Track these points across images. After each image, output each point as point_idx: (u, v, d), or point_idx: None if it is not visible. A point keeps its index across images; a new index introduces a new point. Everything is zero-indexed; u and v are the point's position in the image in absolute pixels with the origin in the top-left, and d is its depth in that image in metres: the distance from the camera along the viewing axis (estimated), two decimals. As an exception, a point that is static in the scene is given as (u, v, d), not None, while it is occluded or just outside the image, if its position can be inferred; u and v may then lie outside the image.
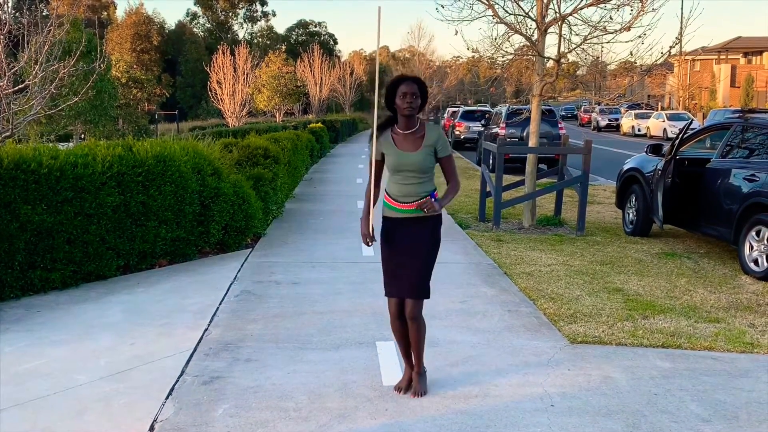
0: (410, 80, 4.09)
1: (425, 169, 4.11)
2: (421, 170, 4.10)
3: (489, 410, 4.06)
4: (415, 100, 4.05)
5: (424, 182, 4.13)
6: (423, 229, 4.16)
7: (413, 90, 4.04)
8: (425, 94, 4.12)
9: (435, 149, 4.13)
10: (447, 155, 4.19)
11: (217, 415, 3.95)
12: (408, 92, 4.04)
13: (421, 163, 4.09)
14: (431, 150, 4.12)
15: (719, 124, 9.26)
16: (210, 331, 5.43)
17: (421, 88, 4.09)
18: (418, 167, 4.09)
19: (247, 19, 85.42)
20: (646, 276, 7.44)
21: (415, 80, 4.11)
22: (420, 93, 4.07)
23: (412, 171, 4.10)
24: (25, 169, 6.25)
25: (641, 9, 9.37)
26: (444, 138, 4.20)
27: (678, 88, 50.43)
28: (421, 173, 4.11)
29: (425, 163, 4.10)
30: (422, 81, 4.17)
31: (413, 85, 4.06)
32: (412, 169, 4.10)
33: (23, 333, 5.38)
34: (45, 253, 6.43)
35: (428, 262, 4.18)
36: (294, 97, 41.72)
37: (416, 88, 4.06)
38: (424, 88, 4.13)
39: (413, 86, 4.05)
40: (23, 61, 10.36)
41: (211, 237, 8.10)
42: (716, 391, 4.42)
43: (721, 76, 52.81)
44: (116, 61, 32.42)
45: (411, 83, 4.07)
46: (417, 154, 4.10)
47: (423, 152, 4.10)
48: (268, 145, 11.52)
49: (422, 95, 4.09)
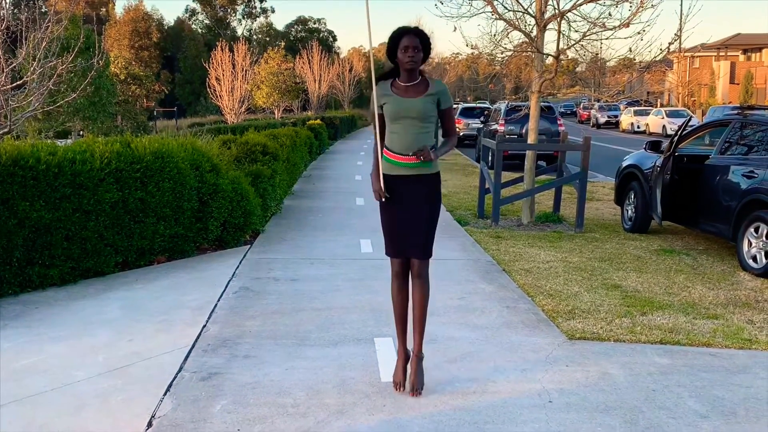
0: (412, 33, 4.02)
1: (426, 116, 4.04)
2: (421, 117, 4.03)
3: (487, 406, 4.06)
4: (416, 54, 4.00)
5: (427, 132, 4.06)
6: (423, 188, 4.11)
7: (415, 43, 3.99)
8: (428, 47, 4.06)
9: (438, 99, 4.07)
10: (449, 106, 4.14)
11: (215, 411, 3.95)
12: (410, 45, 3.99)
13: (422, 109, 4.02)
14: (434, 99, 4.05)
15: (718, 121, 9.26)
16: (208, 328, 5.43)
17: (423, 41, 4.02)
18: (419, 113, 4.02)
19: (246, 15, 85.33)
20: (645, 272, 7.44)
21: (417, 33, 4.04)
22: (422, 46, 4.01)
23: (412, 118, 4.03)
24: (23, 166, 6.24)
25: (640, 5, 9.36)
26: (447, 91, 4.16)
27: (677, 84, 50.39)
28: (421, 121, 4.03)
29: (426, 111, 4.03)
30: (424, 33, 4.09)
31: (415, 38, 4.00)
32: (413, 116, 4.03)
33: (21, 329, 5.37)
34: (43, 249, 6.43)
35: (431, 221, 4.15)
36: (293, 94, 41.71)
37: (418, 41, 4.00)
38: (427, 41, 4.06)
39: (415, 39, 3.99)
40: (21, 57, 10.34)
41: (210, 233, 8.09)
42: (714, 387, 4.42)
43: (720, 72, 52.81)
44: (115, 58, 32.43)
45: (413, 36, 4.00)
46: (418, 101, 4.03)
47: (425, 99, 4.04)
48: (266, 141, 11.52)
49: (424, 49, 4.03)
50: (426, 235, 4.15)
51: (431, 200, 4.16)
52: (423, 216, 4.12)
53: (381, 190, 4.16)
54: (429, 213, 4.15)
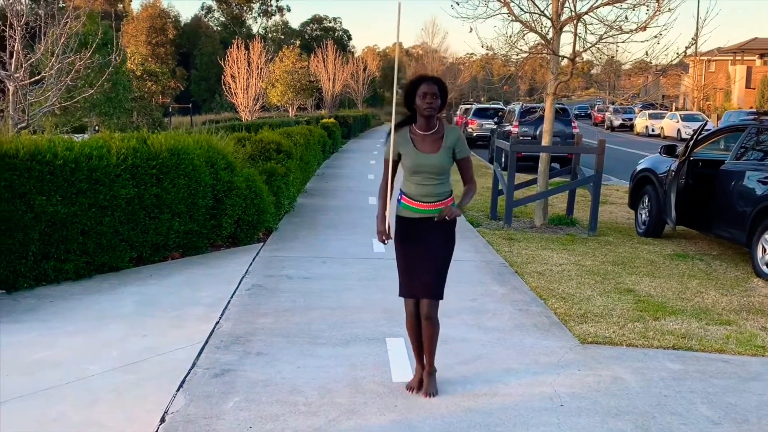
0: (431, 80, 4.05)
1: (444, 170, 4.11)
2: (439, 172, 4.09)
3: (498, 409, 4.06)
4: (435, 101, 4.01)
5: (442, 183, 4.13)
6: (438, 230, 4.13)
7: (434, 90, 4.00)
8: (445, 94, 4.08)
9: (454, 150, 4.11)
10: (465, 156, 4.17)
11: (228, 408, 3.97)
12: (429, 92, 4.00)
13: (440, 165, 4.07)
14: (450, 151, 4.10)
15: (734, 126, 9.22)
16: (221, 324, 5.46)
17: (441, 88, 4.05)
18: (437, 169, 4.08)
19: (262, 13, 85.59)
20: (658, 277, 7.41)
21: (436, 81, 4.07)
22: (440, 93, 4.03)
23: (431, 173, 4.08)
24: (40, 161, 6.29)
25: (657, 9, 9.33)
26: (463, 139, 4.19)
27: (693, 88, 50.14)
28: (439, 175, 4.10)
29: (444, 165, 4.09)
30: (442, 81, 4.13)
31: (434, 85, 4.02)
32: (431, 171, 4.08)
33: (36, 323, 5.42)
34: (59, 243, 6.48)
35: (444, 263, 4.17)
36: (307, 93, 41.79)
37: (437, 88, 4.02)
38: (445, 89, 4.09)
39: (434, 87, 4.01)
40: (40, 52, 10.42)
41: (224, 230, 8.13)
42: (726, 393, 4.40)
43: (736, 77, 52.45)
44: (131, 54, 32.60)
45: (431, 83, 4.02)
46: (436, 157, 4.07)
47: (442, 154, 4.08)
48: (281, 139, 11.55)
49: (442, 96, 4.05)
50: (439, 276, 4.15)
51: (447, 242, 4.18)
52: (437, 257, 4.14)
53: (385, 232, 4.21)
54: (443, 255, 4.16)
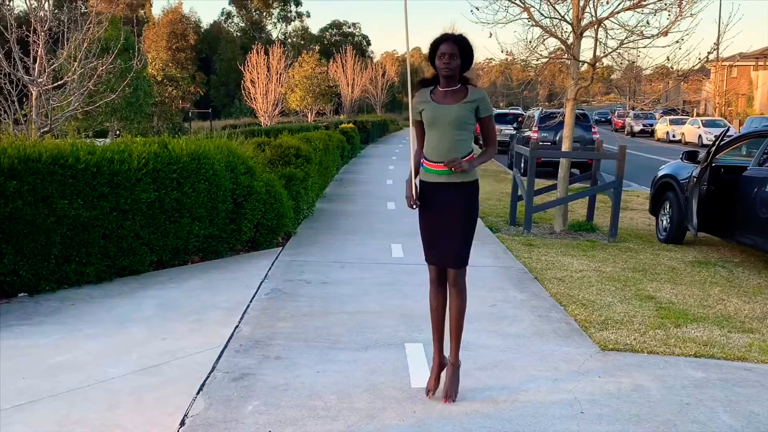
0: (450, 40, 3.96)
1: (462, 124, 3.97)
2: (457, 125, 3.96)
3: (518, 416, 4.04)
4: (452, 61, 3.94)
5: (461, 141, 3.98)
6: (457, 197, 4.05)
7: (452, 50, 3.93)
8: (468, 54, 3.97)
9: (477, 107, 3.98)
10: (488, 115, 4.04)
11: (247, 412, 3.98)
12: (446, 52, 3.94)
13: (457, 115, 3.95)
14: (472, 107, 3.97)
15: (756, 132, 9.13)
16: (240, 328, 5.47)
17: (462, 48, 3.95)
18: (455, 121, 3.95)
19: (282, 19, 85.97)
20: (679, 284, 7.35)
21: (456, 40, 3.97)
22: (461, 53, 3.94)
23: (448, 125, 3.97)
24: (62, 164, 6.35)
25: (679, 14, 9.26)
26: (488, 100, 4.05)
27: (714, 94, 49.74)
28: (457, 129, 3.97)
29: (462, 117, 3.96)
30: (465, 40, 4.00)
31: (453, 45, 3.94)
32: (449, 122, 3.97)
33: (57, 325, 5.47)
34: (80, 247, 6.53)
35: (465, 230, 4.09)
36: (326, 98, 41.93)
37: (456, 48, 3.93)
38: (467, 48, 3.97)
39: (452, 46, 3.93)
40: (62, 57, 10.54)
41: (243, 235, 8.16)
42: (749, 402, 4.35)
43: (758, 82, 51.89)
44: (152, 59, 32.87)
45: (450, 43, 3.95)
46: (455, 107, 3.97)
47: (462, 105, 3.97)
48: (300, 144, 11.58)
49: (464, 56, 3.95)
50: (461, 244, 4.10)
51: (467, 209, 4.09)
52: (458, 225, 4.08)
53: (412, 197, 4.16)
54: (464, 222, 4.09)
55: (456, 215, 4.08)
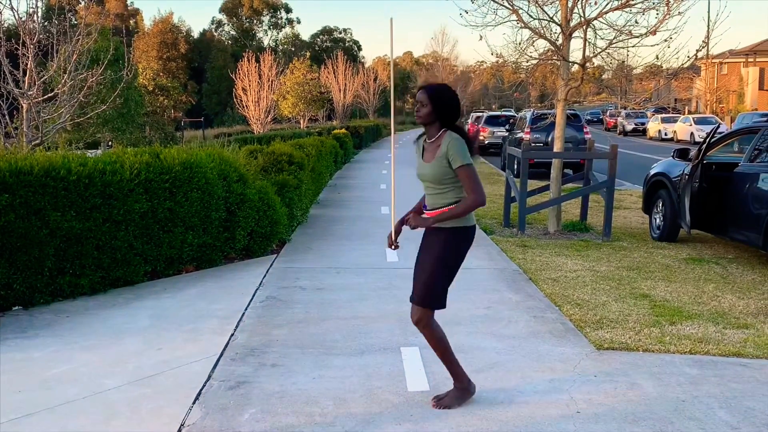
0: (421, 88, 4.03)
1: (439, 180, 3.99)
2: (434, 181, 4.02)
3: (514, 417, 4.04)
4: (421, 109, 3.99)
5: (443, 193, 4.02)
6: (434, 239, 4.08)
7: (421, 98, 3.99)
8: (439, 101, 3.98)
9: (448, 161, 3.95)
10: (458, 166, 3.91)
11: (244, 420, 3.98)
12: (417, 100, 4.02)
13: (433, 174, 4.00)
14: (444, 161, 3.95)
15: (747, 128, 9.16)
16: (236, 337, 5.47)
17: (431, 95, 3.97)
18: (431, 178, 4.02)
19: (272, 26, 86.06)
20: (674, 282, 7.37)
21: (426, 88, 4.02)
22: (431, 101, 3.96)
23: (428, 182, 4.05)
24: (54, 177, 6.34)
25: (667, 13, 9.30)
26: (456, 147, 3.91)
27: (705, 91, 49.92)
28: (436, 184, 4.02)
29: (437, 175, 3.98)
30: (434, 88, 4.04)
31: (422, 93, 4.00)
32: (428, 180, 4.04)
33: (52, 338, 5.45)
34: (74, 259, 6.52)
35: (430, 270, 4.05)
36: (318, 104, 41.95)
37: (425, 96, 3.97)
38: (437, 95, 3.99)
39: (422, 94, 3.99)
40: (52, 70, 10.53)
41: (237, 243, 8.16)
42: (745, 398, 4.36)
43: (749, 79, 52.15)
44: (143, 69, 32.86)
45: (420, 91, 4.02)
46: (430, 165, 4.01)
47: (435, 163, 3.98)
48: (292, 151, 11.58)
49: (434, 103, 3.97)
50: (422, 281, 4.07)
51: (437, 252, 4.04)
52: (426, 263, 4.07)
53: (390, 237, 4.33)
54: (431, 262, 4.05)
55: (428, 255, 4.08)
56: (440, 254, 4.05)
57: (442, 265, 4.05)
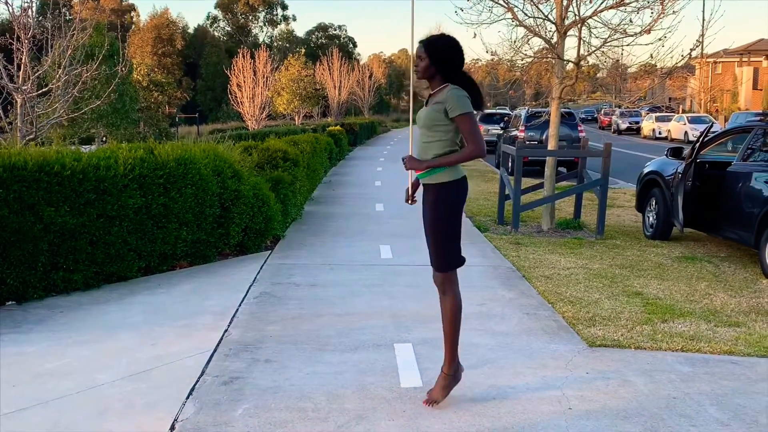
0: (420, 43, 3.99)
1: (430, 125, 3.93)
2: (426, 126, 3.95)
3: (506, 413, 4.06)
4: (419, 63, 3.96)
5: (429, 143, 3.95)
6: (428, 198, 4.05)
7: (418, 53, 3.97)
8: (436, 53, 3.90)
9: (444, 108, 3.88)
10: (457, 114, 3.83)
11: (237, 415, 3.99)
12: (416, 55, 4.00)
13: (425, 117, 3.94)
14: (440, 107, 3.87)
15: (740, 127, 9.21)
16: (230, 332, 5.48)
17: (428, 49, 3.92)
18: (424, 123, 3.96)
19: (268, 22, 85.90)
20: (666, 280, 7.40)
21: (423, 42, 3.97)
22: (429, 55, 3.91)
23: (421, 128, 3.99)
24: (48, 172, 6.34)
25: (661, 12, 9.32)
26: (455, 97, 3.84)
27: (699, 90, 50.03)
28: (428, 130, 3.95)
29: (430, 119, 3.92)
30: (430, 40, 3.96)
31: (419, 47, 3.96)
32: (421, 125, 3.98)
33: (46, 333, 5.45)
34: (68, 254, 6.52)
35: (431, 235, 4.04)
36: (313, 100, 41.93)
37: (421, 50, 3.94)
38: (434, 49, 3.92)
39: (419, 49, 3.96)
40: (47, 65, 10.51)
41: (231, 239, 8.16)
42: (736, 395, 4.39)
43: (743, 78, 52.28)
44: (137, 65, 32.78)
45: (419, 46, 3.98)
46: (424, 110, 3.97)
47: (430, 108, 3.94)
48: (287, 148, 11.59)
49: (432, 57, 3.90)
50: (432, 247, 4.07)
51: (431, 212, 4.02)
52: (428, 228, 4.07)
53: (407, 193, 4.25)
54: (431, 226, 4.04)
55: (427, 218, 4.07)
56: (433, 215, 4.02)
57: (439, 226, 4.03)
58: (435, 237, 4.04)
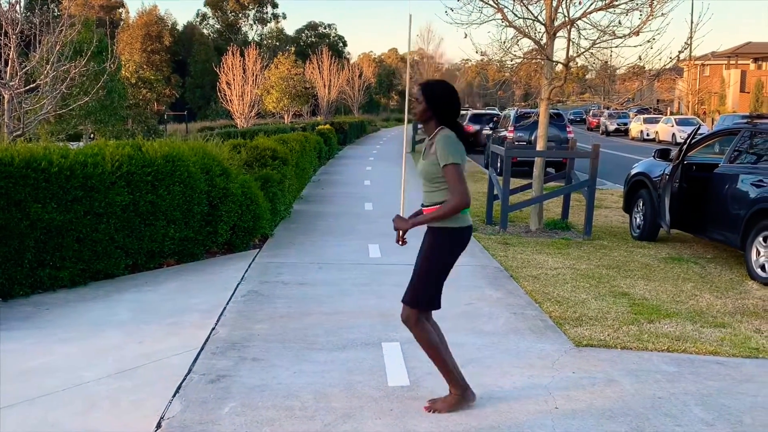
0: (418, 85, 4.01)
1: (429, 178, 3.96)
2: (425, 179, 3.99)
3: (493, 412, 4.08)
4: (416, 106, 3.98)
5: (432, 192, 3.98)
6: (425, 240, 4.07)
7: (415, 95, 3.98)
8: (433, 98, 3.93)
9: (437, 159, 3.90)
10: (443, 164, 3.85)
11: (224, 414, 3.98)
12: (413, 98, 4.02)
13: (423, 171, 3.98)
14: (435, 159, 3.91)
15: (727, 130, 9.26)
16: (217, 331, 5.47)
17: (425, 93, 3.95)
18: (423, 175, 4.00)
19: (258, 20, 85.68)
20: (653, 280, 7.44)
21: (420, 85, 4.00)
22: (425, 98, 3.93)
23: (422, 179, 4.03)
24: (35, 168, 6.30)
25: (650, 13, 9.37)
26: (444, 146, 3.86)
27: (687, 93, 50.28)
28: (428, 182, 3.99)
29: (427, 173, 3.95)
30: (427, 84, 4.01)
31: (417, 90, 3.98)
32: (421, 176, 4.02)
33: (32, 330, 5.43)
34: (54, 251, 6.48)
35: (418, 270, 4.04)
36: (303, 99, 41.86)
37: (419, 92, 3.96)
38: (430, 92, 3.95)
39: (417, 91, 3.98)
40: (35, 60, 10.46)
41: (219, 237, 8.14)
42: (721, 395, 4.42)
43: (730, 81, 52.63)
44: (126, 62, 32.63)
45: (417, 89, 3.99)
46: (423, 163, 4.01)
47: (427, 161, 3.96)
48: (276, 146, 11.57)
49: (428, 100, 3.93)
50: (412, 282, 4.06)
51: (427, 252, 4.02)
52: (417, 262, 4.07)
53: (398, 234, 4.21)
54: (422, 263, 4.03)
55: (420, 256, 4.07)
56: (427, 255, 4.02)
57: (428, 267, 4.02)
58: (420, 274, 4.03)
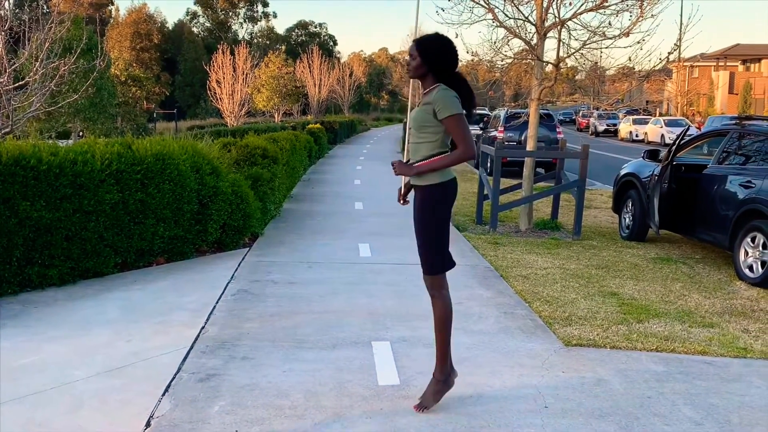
0: (413, 42, 3.99)
1: (419, 126, 3.91)
2: (415, 127, 3.94)
3: (483, 411, 4.08)
4: (410, 62, 3.95)
5: (419, 144, 3.94)
6: (417, 199, 4.03)
7: (410, 51, 3.96)
8: (427, 52, 3.87)
9: (433, 109, 3.83)
10: (445, 116, 3.80)
11: (213, 412, 3.97)
12: (408, 54, 4.01)
13: (414, 118, 3.93)
14: (429, 108, 3.84)
15: (716, 131, 9.31)
16: (207, 329, 5.45)
17: (419, 48, 3.90)
18: (413, 123, 3.95)
19: (248, 19, 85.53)
20: (642, 280, 7.47)
21: (416, 40, 3.97)
22: (420, 53, 3.88)
23: (411, 129, 3.97)
24: (24, 166, 6.27)
25: (640, 15, 9.42)
26: (444, 99, 3.81)
27: (676, 94, 50.54)
28: (417, 131, 3.93)
29: (419, 120, 3.90)
30: (422, 39, 3.94)
31: (411, 46, 3.96)
32: (411, 126, 3.97)
33: (20, 328, 5.39)
34: (43, 249, 6.45)
35: (419, 237, 4.03)
36: (293, 98, 41.84)
37: (413, 49, 3.93)
38: (425, 48, 3.89)
39: (410, 47, 3.96)
40: (24, 57, 10.40)
41: (209, 236, 8.12)
42: (709, 395, 4.45)
43: (719, 82, 52.94)
44: (115, 59, 32.52)
45: (411, 45, 3.97)
46: (415, 110, 3.96)
47: (419, 109, 3.92)
48: (266, 145, 11.55)
49: (424, 56, 3.87)
50: (420, 248, 4.05)
51: (419, 214, 4.00)
52: (416, 230, 4.05)
53: (399, 192, 4.27)
54: (418, 227, 4.03)
55: (416, 222, 4.05)
56: (421, 217, 4.00)
57: (426, 227, 4.00)
58: (422, 238, 4.02)
